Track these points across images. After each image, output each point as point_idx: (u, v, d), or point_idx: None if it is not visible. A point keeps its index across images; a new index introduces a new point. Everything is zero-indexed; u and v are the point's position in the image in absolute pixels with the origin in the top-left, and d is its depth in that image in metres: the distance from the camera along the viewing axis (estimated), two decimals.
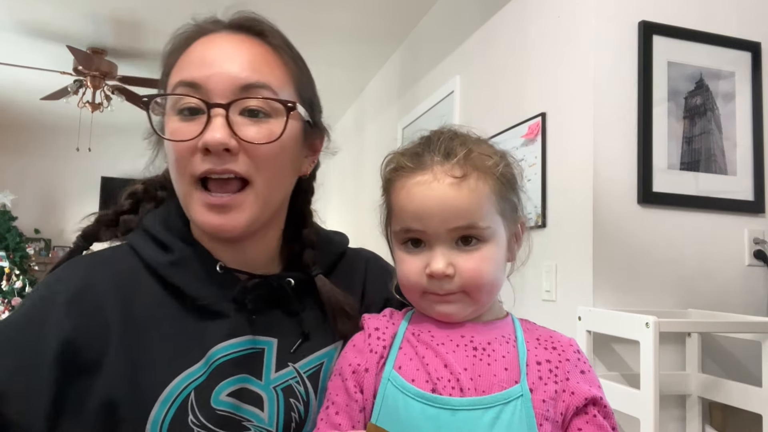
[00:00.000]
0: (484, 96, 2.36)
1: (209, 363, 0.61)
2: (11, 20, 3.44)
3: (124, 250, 0.68)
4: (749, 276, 1.75)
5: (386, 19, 3.19)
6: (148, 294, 0.64)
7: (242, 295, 0.65)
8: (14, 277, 4.72)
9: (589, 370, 0.62)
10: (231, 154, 0.61)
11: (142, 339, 0.61)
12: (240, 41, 0.65)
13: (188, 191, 0.63)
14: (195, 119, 0.62)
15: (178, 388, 0.59)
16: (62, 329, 0.58)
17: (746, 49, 1.81)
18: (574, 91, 1.76)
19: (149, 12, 3.26)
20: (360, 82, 4.23)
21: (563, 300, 1.75)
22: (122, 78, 4.07)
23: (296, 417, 0.64)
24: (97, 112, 4.30)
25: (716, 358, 1.67)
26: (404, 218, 0.61)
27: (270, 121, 0.63)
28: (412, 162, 0.62)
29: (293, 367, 0.66)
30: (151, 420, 0.57)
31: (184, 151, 0.62)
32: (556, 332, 0.65)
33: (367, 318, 0.66)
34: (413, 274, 0.61)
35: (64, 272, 0.64)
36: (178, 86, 0.62)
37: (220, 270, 0.66)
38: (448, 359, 0.58)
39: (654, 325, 1.30)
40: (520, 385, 0.57)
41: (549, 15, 1.94)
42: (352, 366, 0.61)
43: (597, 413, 0.59)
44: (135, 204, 0.74)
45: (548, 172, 1.86)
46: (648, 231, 1.67)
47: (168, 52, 0.68)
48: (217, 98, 0.61)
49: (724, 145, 1.77)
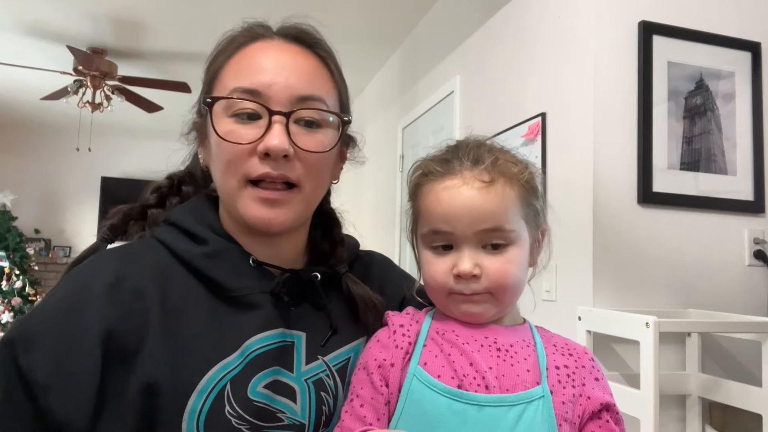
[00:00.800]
0: (484, 96, 2.37)
1: (245, 354, 0.62)
2: (11, 20, 3.44)
3: (150, 244, 0.68)
4: (749, 276, 1.75)
5: (386, 19, 3.19)
6: (182, 285, 0.64)
7: (279, 287, 0.66)
8: (14, 277, 4.73)
9: (602, 378, 0.64)
10: (287, 160, 0.64)
11: (179, 329, 0.61)
12: (295, 52, 0.69)
13: (238, 188, 0.65)
14: (252, 123, 0.64)
15: (215, 378, 0.60)
16: (104, 318, 0.59)
17: (746, 49, 1.81)
18: (574, 91, 1.76)
19: (149, 12, 3.25)
20: (360, 82, 4.23)
21: (563, 300, 1.75)
22: (122, 78, 4.07)
23: (326, 410, 0.65)
24: (97, 112, 4.30)
25: (716, 358, 1.67)
26: (433, 220, 0.64)
27: (320, 131, 0.67)
28: (441, 167, 0.65)
29: (323, 360, 0.67)
30: (188, 410, 0.58)
31: (239, 153, 0.64)
32: (571, 340, 0.68)
33: (391, 315, 0.68)
34: (440, 274, 0.63)
35: (97, 263, 0.65)
36: (235, 91, 0.65)
37: (253, 264, 0.67)
38: (474, 357, 0.60)
39: (654, 325, 1.30)
40: (541, 386, 0.59)
41: (549, 15, 1.94)
42: (378, 360, 0.62)
43: (609, 419, 0.61)
44: (161, 198, 0.76)
45: (548, 172, 1.86)
46: (648, 231, 1.67)
47: (217, 52, 0.70)
48: (277, 106, 0.64)
49: (724, 145, 1.77)
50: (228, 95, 0.65)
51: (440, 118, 2.81)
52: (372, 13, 3.11)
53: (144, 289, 0.62)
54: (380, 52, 3.65)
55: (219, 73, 0.68)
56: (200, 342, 0.62)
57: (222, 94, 0.66)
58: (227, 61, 0.68)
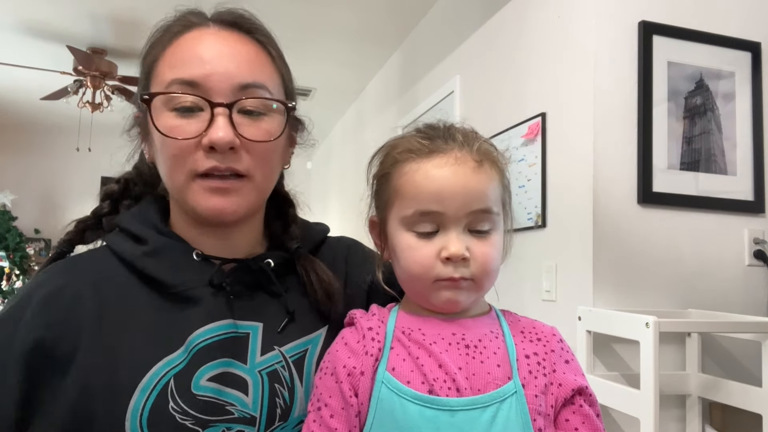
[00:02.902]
0: (484, 96, 2.36)
1: (189, 349, 0.61)
2: (11, 20, 3.44)
3: (100, 251, 0.69)
4: (749, 276, 1.75)
5: (386, 19, 3.19)
6: (124, 288, 0.64)
7: (219, 278, 0.65)
8: (14, 277, 4.73)
9: (572, 359, 0.63)
10: (234, 152, 0.63)
11: (119, 333, 0.61)
12: (232, 39, 0.66)
13: (186, 182, 0.64)
14: (193, 116, 0.62)
15: (157, 375, 0.59)
16: (33, 329, 0.59)
17: (746, 49, 1.81)
18: (574, 91, 1.76)
19: (149, 12, 3.25)
20: (360, 82, 4.23)
21: (563, 300, 1.75)
22: (122, 78, 4.07)
23: (281, 403, 0.63)
24: (97, 112, 4.30)
25: (716, 358, 1.67)
26: (421, 200, 0.60)
27: (265, 119, 0.65)
28: (429, 145, 0.62)
29: (279, 350, 0.65)
30: (130, 409, 0.57)
31: (184, 148, 0.62)
32: (537, 321, 0.66)
33: (358, 316, 0.65)
34: (427, 258, 0.60)
35: (43, 276, 0.66)
36: (173, 84, 0.63)
37: (197, 257, 0.66)
38: (443, 359, 0.58)
39: (654, 325, 1.30)
40: (513, 381, 0.58)
41: (549, 15, 1.94)
42: (347, 368, 0.60)
43: (583, 403, 0.60)
44: (113, 204, 0.75)
45: (548, 172, 1.86)
46: (648, 231, 1.67)
47: (151, 44, 0.68)
48: (218, 97, 0.62)
49: (724, 145, 1.77)
50: (166, 89, 0.63)
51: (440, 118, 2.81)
52: (372, 13, 3.11)
53: (82, 295, 0.62)
54: (380, 52, 3.65)
55: (155, 65, 0.66)
56: (142, 341, 0.61)
57: (159, 87, 0.64)
58: (162, 53, 0.65)
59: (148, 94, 0.64)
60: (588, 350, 1.55)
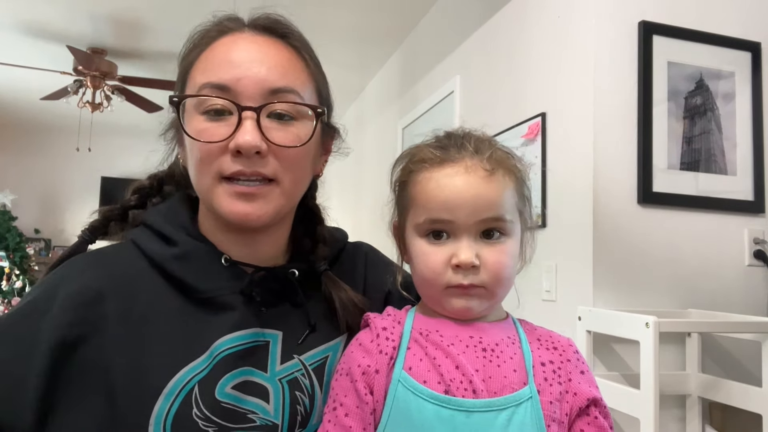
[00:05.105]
0: (484, 96, 2.37)
1: (213, 356, 0.61)
2: (11, 20, 3.44)
3: (126, 247, 0.68)
4: (749, 276, 1.75)
5: (386, 19, 3.19)
6: (151, 289, 0.64)
7: (250, 287, 0.65)
8: (14, 277, 4.72)
9: (587, 371, 0.63)
10: (260, 157, 0.62)
11: (144, 334, 0.61)
12: (265, 43, 0.66)
13: (212, 185, 0.64)
14: (222, 120, 0.62)
15: (182, 381, 0.59)
16: (58, 326, 0.59)
17: (746, 49, 1.81)
18: (574, 91, 1.76)
19: (149, 12, 3.25)
20: (360, 82, 4.23)
21: (563, 300, 1.75)
22: (122, 78, 4.07)
23: (301, 410, 0.64)
24: (97, 112, 4.30)
25: (716, 358, 1.67)
26: (432, 208, 0.62)
27: (295, 124, 0.65)
28: (440, 153, 0.63)
29: (299, 359, 0.66)
30: (154, 414, 0.57)
31: (212, 151, 0.62)
32: (554, 332, 0.66)
33: (372, 317, 0.66)
34: (438, 265, 0.61)
35: (67, 269, 0.65)
36: (204, 87, 0.63)
37: (225, 263, 0.66)
38: (460, 360, 0.58)
39: (654, 325, 1.30)
40: (528, 387, 0.58)
41: (549, 15, 1.94)
42: (362, 367, 0.60)
43: (598, 414, 0.60)
44: (142, 199, 0.75)
45: (548, 172, 1.86)
46: (648, 231, 1.67)
47: (187, 49, 0.68)
48: (247, 101, 0.62)
49: (724, 145, 1.77)
50: (197, 92, 0.63)
51: (440, 118, 2.81)
52: (372, 13, 3.11)
53: (108, 294, 0.62)
54: (380, 52, 3.65)
55: (190, 70, 0.67)
56: (167, 345, 0.61)
57: (192, 91, 0.64)
58: (198, 57, 0.66)
59: (178, 96, 0.65)
60: (588, 350, 1.55)
